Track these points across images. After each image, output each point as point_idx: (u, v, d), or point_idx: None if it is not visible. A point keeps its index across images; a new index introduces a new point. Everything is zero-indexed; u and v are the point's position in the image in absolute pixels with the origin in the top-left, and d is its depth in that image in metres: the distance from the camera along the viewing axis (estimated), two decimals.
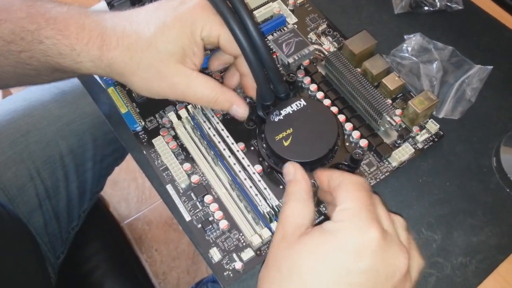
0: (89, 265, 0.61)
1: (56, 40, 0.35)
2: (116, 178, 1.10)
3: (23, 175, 0.53)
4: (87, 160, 0.59)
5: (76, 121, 0.57)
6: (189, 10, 0.34)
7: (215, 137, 0.39)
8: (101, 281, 0.60)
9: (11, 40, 0.35)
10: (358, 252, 0.26)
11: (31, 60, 0.36)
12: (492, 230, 0.38)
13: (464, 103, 0.43)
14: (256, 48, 0.34)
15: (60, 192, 0.57)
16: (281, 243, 0.29)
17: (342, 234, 0.27)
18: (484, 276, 0.36)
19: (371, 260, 0.26)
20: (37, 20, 0.35)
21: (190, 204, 0.38)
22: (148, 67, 0.35)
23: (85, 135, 0.57)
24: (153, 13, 0.35)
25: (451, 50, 0.46)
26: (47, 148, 0.55)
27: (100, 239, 0.64)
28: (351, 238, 0.26)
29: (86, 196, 0.61)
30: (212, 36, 0.35)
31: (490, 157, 0.41)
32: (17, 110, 0.55)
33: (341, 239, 0.26)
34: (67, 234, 0.60)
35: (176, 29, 0.34)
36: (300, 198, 0.30)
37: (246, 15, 0.33)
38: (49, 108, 0.56)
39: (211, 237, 0.37)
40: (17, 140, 0.54)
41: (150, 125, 0.43)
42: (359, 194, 0.28)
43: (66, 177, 0.57)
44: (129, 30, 0.34)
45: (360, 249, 0.26)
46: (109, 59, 0.34)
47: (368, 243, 0.26)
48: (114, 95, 0.44)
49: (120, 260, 0.64)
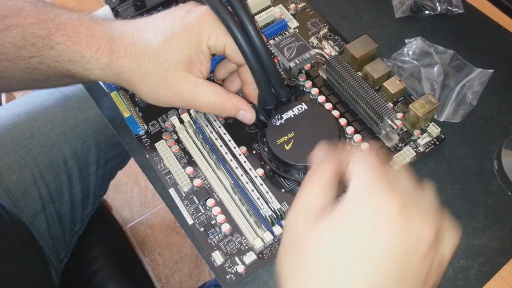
0: (92, 268, 0.61)
1: (66, 46, 0.35)
2: (119, 181, 1.10)
3: (27, 178, 0.54)
4: (91, 163, 0.59)
5: (80, 125, 0.57)
6: (196, 19, 0.34)
7: (217, 141, 0.40)
8: (104, 285, 0.60)
9: (22, 46, 0.35)
10: (379, 228, 0.24)
11: (41, 66, 0.36)
12: (494, 233, 0.38)
13: (465, 106, 0.43)
14: (257, 53, 0.34)
15: (64, 196, 0.57)
16: (302, 224, 0.27)
17: (360, 213, 0.25)
18: (486, 279, 0.36)
19: (393, 234, 0.24)
20: (48, 26, 0.35)
21: (193, 207, 0.39)
22: (155, 76, 0.35)
23: (88, 139, 0.58)
24: (160, 22, 0.36)
25: (452, 53, 0.46)
26: (50, 151, 0.55)
27: (103, 242, 0.64)
28: (370, 215, 0.25)
29: (90, 199, 0.61)
30: (218, 45, 0.35)
31: (492, 160, 0.41)
32: (20, 114, 0.56)
33: (360, 218, 0.25)
34: (70, 237, 0.60)
35: (183, 38, 0.34)
36: (325, 182, 0.28)
37: (248, 21, 0.34)
38: (52, 112, 0.57)
39: (213, 241, 0.37)
40: (21, 144, 0.54)
41: (152, 129, 0.43)
42: (369, 170, 0.27)
43: (69, 181, 0.57)
44: (137, 39, 0.35)
45: (379, 224, 0.24)
46: (117, 67, 0.35)
47: (387, 217, 0.24)
48: (117, 99, 0.44)
49: (123, 264, 0.64)
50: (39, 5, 0.36)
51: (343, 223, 0.25)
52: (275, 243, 0.37)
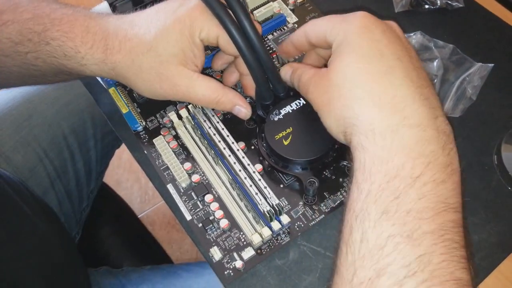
0: (105, 246, 0.64)
1: (62, 42, 0.35)
2: (119, 178, 1.11)
3: (32, 157, 0.55)
4: (89, 138, 0.61)
5: (73, 101, 0.59)
6: (188, 12, 0.34)
7: (216, 136, 0.39)
8: (120, 261, 0.63)
9: (19, 41, 0.35)
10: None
11: (37, 61, 0.36)
12: (493, 228, 0.37)
13: (465, 101, 0.43)
14: (254, 49, 0.34)
15: (69, 172, 0.59)
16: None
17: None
18: (485, 274, 0.36)
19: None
20: (43, 21, 0.35)
21: (191, 203, 0.39)
22: (150, 70, 0.35)
23: (83, 114, 0.59)
24: (153, 16, 0.36)
25: (452, 48, 0.45)
26: (50, 129, 0.57)
27: (113, 221, 0.67)
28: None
29: (93, 175, 0.63)
30: (211, 37, 0.35)
31: (491, 155, 0.41)
32: (16, 97, 0.57)
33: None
34: (80, 214, 0.62)
35: (176, 31, 0.34)
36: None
37: (243, 15, 0.33)
38: (45, 92, 0.58)
39: (211, 236, 0.37)
40: (21, 125, 0.55)
41: (151, 125, 0.43)
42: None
43: (72, 157, 0.59)
44: (131, 33, 0.35)
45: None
46: (112, 62, 0.35)
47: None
48: (115, 95, 0.44)
49: (136, 240, 0.67)
50: (35, 0, 0.36)
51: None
52: (274, 239, 0.37)
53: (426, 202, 0.25)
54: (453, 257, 0.25)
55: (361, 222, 0.26)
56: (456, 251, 0.25)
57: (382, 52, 0.29)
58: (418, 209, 0.25)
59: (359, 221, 0.26)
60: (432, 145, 0.27)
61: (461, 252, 0.25)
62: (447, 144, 0.27)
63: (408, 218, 0.25)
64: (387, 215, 0.25)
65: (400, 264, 0.24)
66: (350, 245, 0.26)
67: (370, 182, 0.27)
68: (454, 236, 0.25)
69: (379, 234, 0.25)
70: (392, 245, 0.25)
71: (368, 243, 0.25)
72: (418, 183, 0.26)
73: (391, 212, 0.25)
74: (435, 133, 0.27)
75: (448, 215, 0.26)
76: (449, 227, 0.25)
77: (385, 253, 0.25)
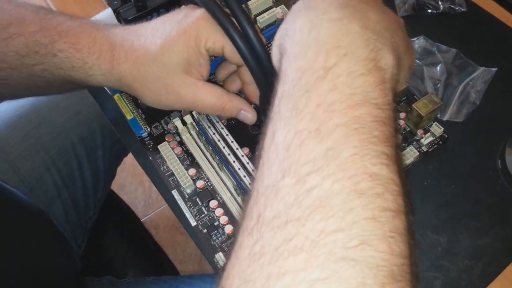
0: (110, 253, 0.63)
1: (69, 53, 0.35)
2: (123, 182, 1.11)
3: (39, 166, 0.55)
4: (97, 148, 0.61)
5: (83, 110, 0.58)
6: (193, 23, 0.35)
7: (220, 142, 0.40)
8: (124, 269, 0.62)
9: (25, 54, 0.36)
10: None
11: (44, 73, 0.37)
12: (497, 232, 0.37)
13: (468, 105, 0.43)
14: (257, 56, 0.34)
15: (76, 181, 0.59)
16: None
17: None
18: (490, 279, 0.36)
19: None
20: (50, 33, 0.36)
21: (196, 209, 0.39)
22: (156, 80, 0.35)
23: (92, 124, 0.59)
24: (159, 27, 0.36)
25: (455, 52, 0.45)
26: (58, 138, 0.57)
27: (119, 228, 0.67)
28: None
29: (100, 184, 0.63)
30: (216, 47, 0.35)
31: (495, 159, 0.41)
32: (25, 105, 0.57)
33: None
34: (86, 223, 0.62)
35: (181, 42, 0.34)
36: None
37: (246, 23, 0.34)
38: (55, 101, 0.58)
39: (216, 242, 0.37)
40: (30, 133, 0.55)
41: (155, 131, 0.43)
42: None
43: (79, 166, 0.59)
44: (137, 44, 0.35)
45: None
46: (118, 73, 0.36)
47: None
48: (120, 102, 0.44)
49: (139, 247, 0.66)
50: (41, 13, 0.37)
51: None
52: None
53: (338, 94, 0.23)
54: (369, 151, 0.22)
55: (273, 126, 0.24)
56: (373, 146, 0.22)
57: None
58: (329, 101, 0.23)
59: (271, 126, 0.24)
60: (351, 36, 0.24)
61: (381, 148, 0.22)
62: (372, 40, 0.25)
63: (318, 112, 0.22)
64: (297, 111, 0.23)
65: (305, 160, 0.21)
66: (265, 151, 0.24)
67: (283, 83, 0.25)
68: (373, 131, 0.22)
69: (287, 133, 0.23)
70: (298, 142, 0.22)
71: (277, 146, 0.23)
72: (330, 75, 0.23)
73: (300, 108, 0.23)
74: (358, 28, 0.25)
75: (365, 108, 0.23)
76: (367, 121, 0.22)
77: (291, 151, 0.22)
